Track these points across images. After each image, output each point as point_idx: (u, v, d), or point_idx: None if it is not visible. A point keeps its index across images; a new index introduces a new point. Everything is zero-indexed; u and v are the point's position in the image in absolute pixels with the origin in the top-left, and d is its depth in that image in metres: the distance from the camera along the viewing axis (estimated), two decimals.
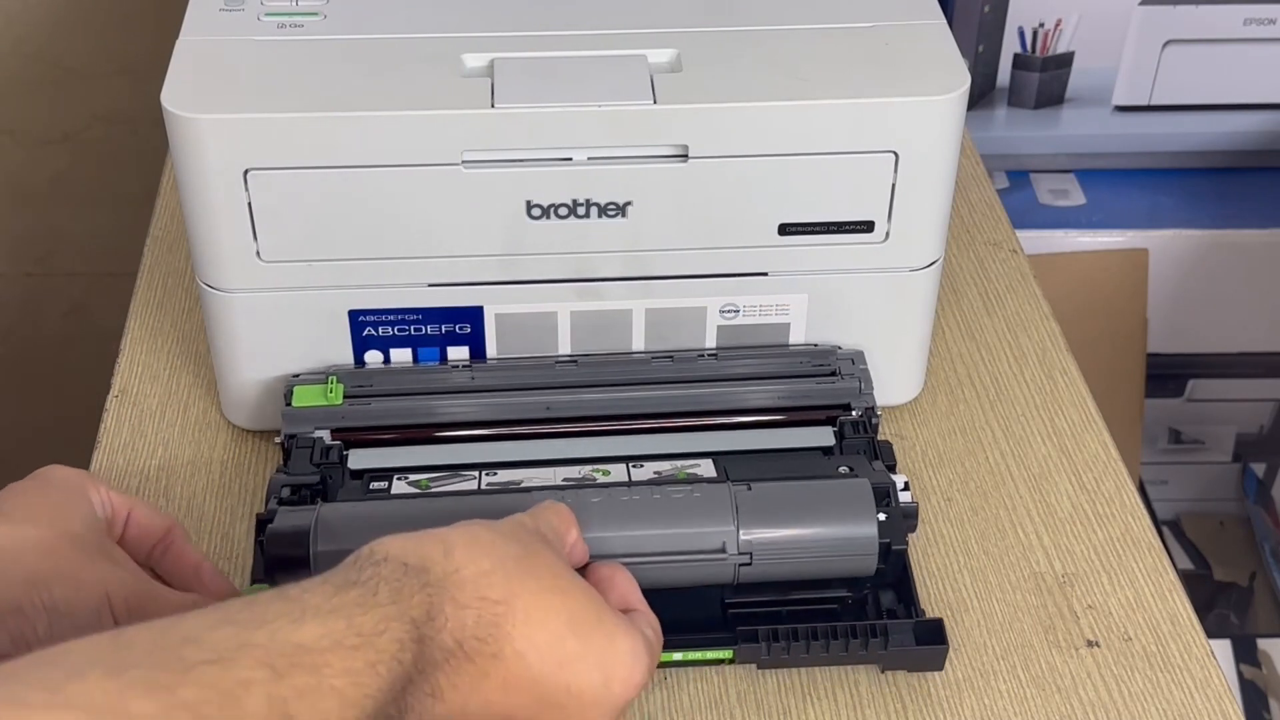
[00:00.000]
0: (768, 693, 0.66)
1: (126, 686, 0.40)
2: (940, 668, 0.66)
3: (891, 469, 0.69)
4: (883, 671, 0.66)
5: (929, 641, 0.64)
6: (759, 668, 0.66)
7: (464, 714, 0.51)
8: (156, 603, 0.59)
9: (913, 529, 0.67)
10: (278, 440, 0.71)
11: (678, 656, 0.65)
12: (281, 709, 0.43)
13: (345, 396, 0.72)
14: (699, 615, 0.66)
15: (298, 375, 0.73)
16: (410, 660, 0.47)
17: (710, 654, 0.65)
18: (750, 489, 0.65)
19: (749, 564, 0.63)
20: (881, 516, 0.65)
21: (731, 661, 0.65)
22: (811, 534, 0.64)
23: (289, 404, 0.71)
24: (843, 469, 0.68)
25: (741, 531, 0.63)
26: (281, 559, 0.62)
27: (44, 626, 0.57)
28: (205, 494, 0.74)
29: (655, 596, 0.66)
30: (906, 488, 0.68)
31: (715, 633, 0.65)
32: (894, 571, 0.66)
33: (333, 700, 0.44)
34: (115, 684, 0.40)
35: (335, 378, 0.72)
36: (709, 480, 0.68)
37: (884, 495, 0.66)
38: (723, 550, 0.63)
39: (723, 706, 0.65)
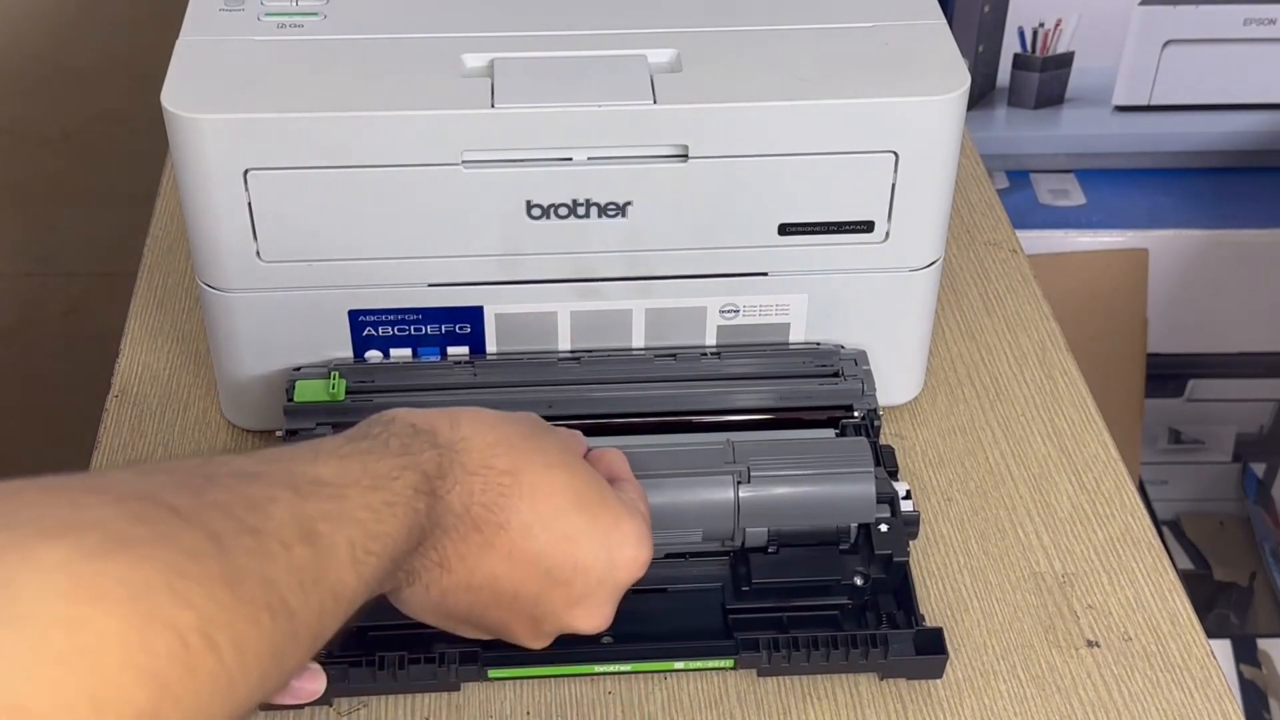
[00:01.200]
0: (768, 693, 0.66)
1: (157, 487, 0.40)
2: (939, 676, 0.65)
3: (893, 474, 0.69)
4: (882, 680, 0.66)
5: (929, 651, 0.64)
6: (759, 675, 0.66)
7: (469, 587, 0.51)
8: None
9: (913, 536, 0.67)
10: (279, 434, 0.71)
11: (679, 666, 0.65)
12: (308, 526, 0.43)
13: (347, 392, 0.72)
14: (700, 623, 0.66)
15: (299, 368, 0.73)
16: (424, 511, 0.48)
17: (711, 663, 0.65)
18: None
19: (746, 480, 0.64)
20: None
21: (733, 669, 0.65)
22: (806, 463, 0.65)
23: (290, 399, 0.71)
24: None
25: (736, 452, 0.65)
26: None
27: None
28: None
29: (655, 601, 0.67)
30: (908, 496, 0.68)
31: (716, 641, 0.65)
32: (894, 579, 0.66)
33: (355, 530, 0.44)
34: (145, 482, 0.40)
35: (338, 372, 0.72)
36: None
37: (886, 503, 0.66)
38: (722, 464, 0.64)
39: (723, 706, 0.65)
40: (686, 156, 0.67)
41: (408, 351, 0.74)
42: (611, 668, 0.65)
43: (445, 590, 0.51)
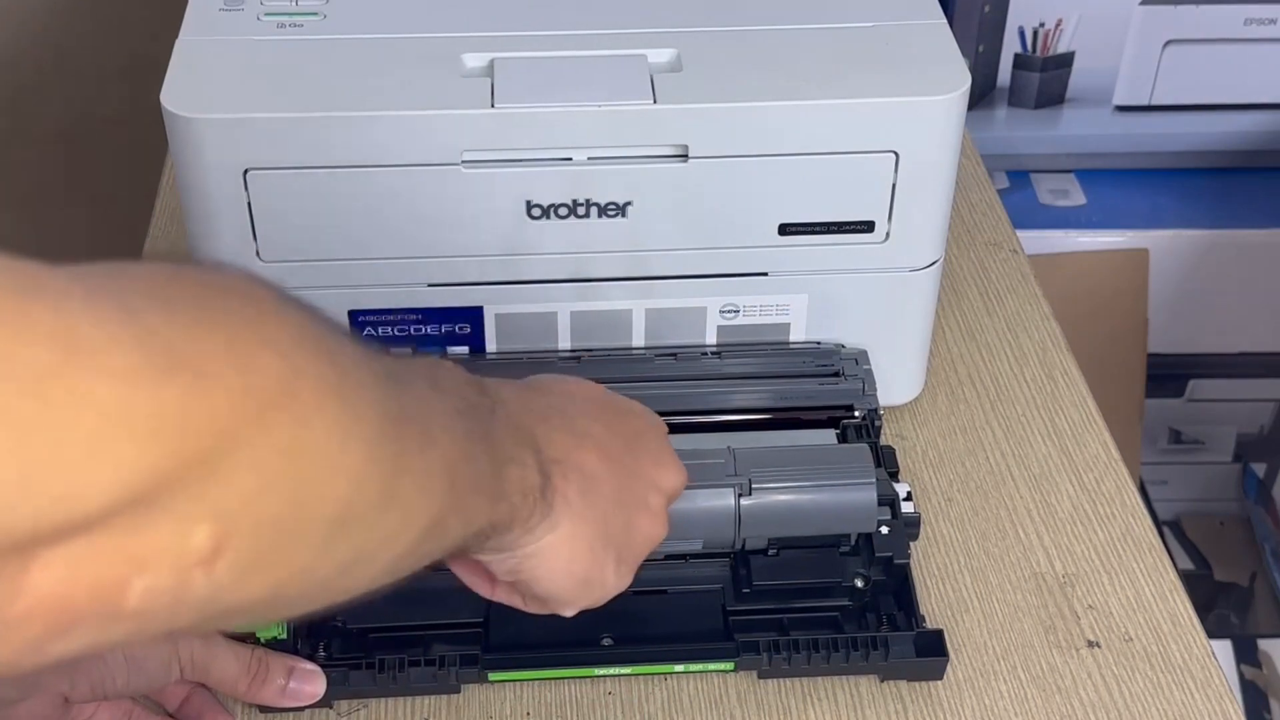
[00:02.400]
0: (768, 693, 0.65)
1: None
2: (940, 677, 0.65)
3: (894, 475, 0.69)
4: (882, 681, 0.66)
5: (929, 652, 0.64)
6: (760, 677, 0.66)
7: (583, 494, 0.52)
8: (218, 660, 0.61)
9: (914, 538, 0.67)
10: None
11: (679, 668, 0.65)
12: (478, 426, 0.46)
13: None
14: (700, 625, 0.66)
15: None
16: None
17: (711, 665, 0.65)
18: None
19: (747, 493, 0.64)
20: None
21: (733, 670, 0.65)
22: (807, 473, 0.65)
23: None
24: None
25: (738, 463, 0.65)
26: None
27: (123, 678, 0.59)
28: None
29: (655, 603, 0.67)
30: (909, 497, 0.68)
31: (716, 643, 0.65)
32: (895, 581, 0.66)
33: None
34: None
35: None
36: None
37: (887, 504, 0.66)
38: (723, 476, 0.64)
39: (723, 707, 0.65)
40: (686, 156, 0.67)
41: (408, 351, 0.74)
42: (612, 669, 0.65)
43: (574, 506, 0.51)
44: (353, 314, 0.72)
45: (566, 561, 0.52)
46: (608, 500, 0.53)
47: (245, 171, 0.66)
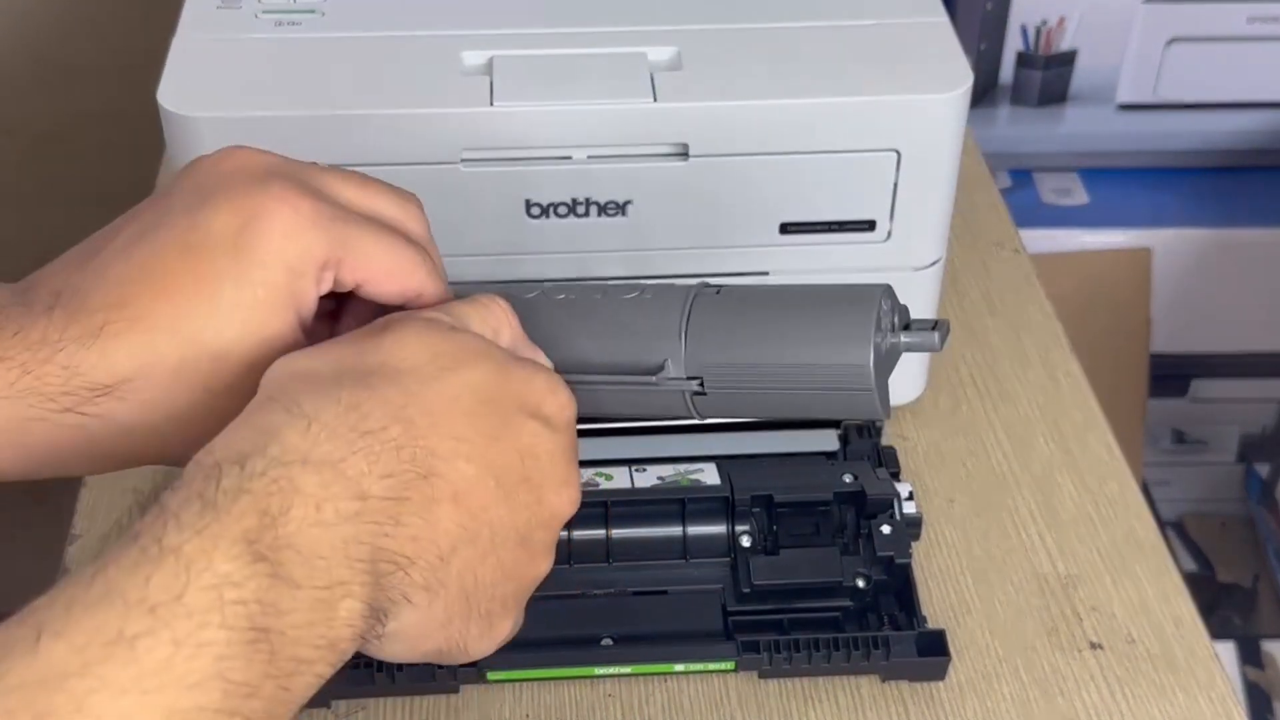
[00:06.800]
0: (769, 695, 0.65)
1: None
2: (942, 678, 0.65)
3: (896, 476, 0.69)
4: (883, 681, 0.65)
5: (931, 653, 0.64)
6: (760, 677, 0.65)
7: (443, 560, 0.43)
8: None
9: (916, 538, 0.67)
10: None
11: (679, 668, 0.65)
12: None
13: None
14: (700, 625, 0.66)
15: None
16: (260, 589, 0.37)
17: (712, 665, 0.65)
18: (718, 292, 0.52)
19: (701, 392, 0.50)
20: (885, 341, 0.50)
21: (733, 671, 0.65)
22: (783, 358, 0.50)
23: None
24: (847, 477, 0.68)
25: (690, 342, 0.50)
26: None
27: None
28: None
29: (655, 603, 0.66)
30: (911, 497, 0.67)
31: (716, 643, 0.65)
32: (896, 581, 0.66)
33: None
34: None
35: None
36: (712, 489, 0.67)
37: (888, 505, 0.66)
38: (663, 369, 0.50)
39: (723, 709, 0.65)
40: (687, 155, 0.67)
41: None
42: (611, 670, 0.65)
43: (427, 585, 0.43)
44: None
45: (415, 640, 0.44)
46: (472, 564, 0.44)
47: None
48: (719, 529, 0.67)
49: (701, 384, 0.50)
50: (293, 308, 0.47)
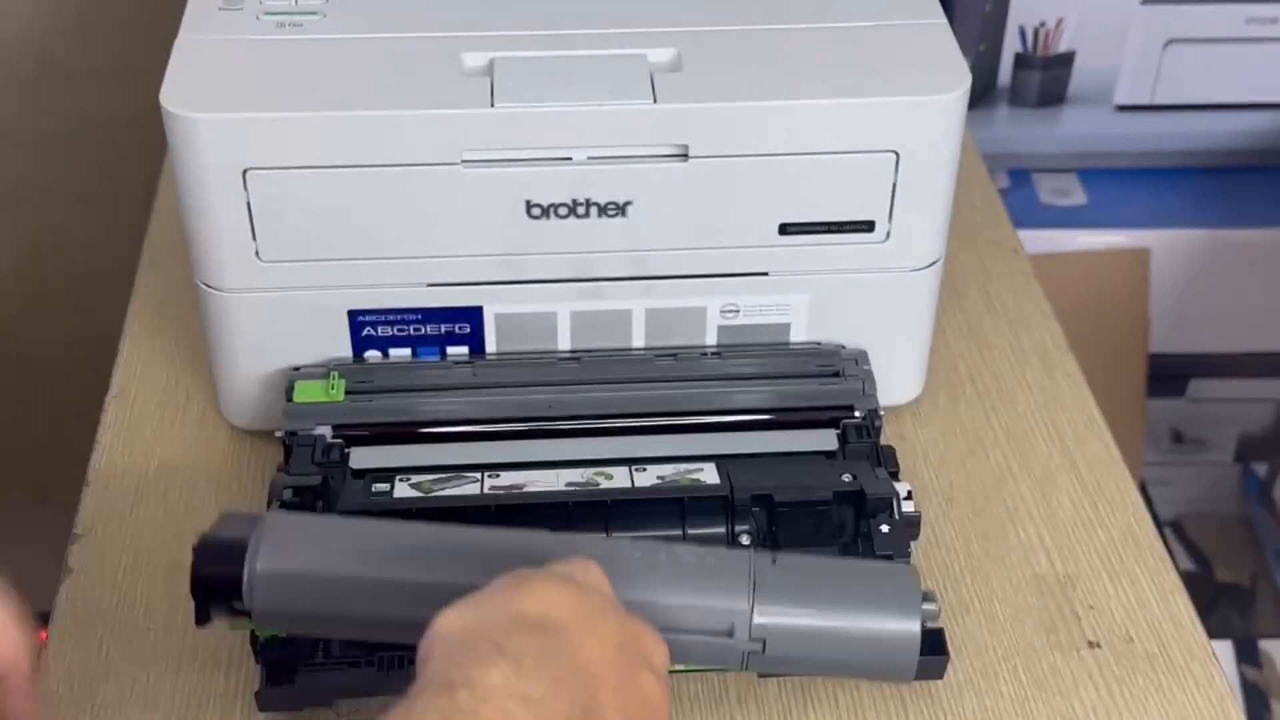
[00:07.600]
0: (768, 694, 0.65)
1: None
2: (940, 677, 0.65)
3: (894, 475, 0.69)
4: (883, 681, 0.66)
5: (930, 652, 0.64)
6: (760, 677, 0.66)
7: None
8: None
9: (915, 537, 0.67)
10: (279, 434, 0.71)
11: (679, 667, 0.65)
12: None
13: (346, 392, 0.71)
14: None
15: (298, 369, 0.73)
16: None
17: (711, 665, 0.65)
18: (775, 562, 0.58)
19: (760, 652, 0.57)
20: (928, 606, 0.58)
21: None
22: (839, 626, 0.57)
23: (290, 399, 0.71)
24: (846, 477, 0.68)
25: (757, 613, 0.56)
26: (213, 580, 0.56)
27: None
28: (204, 495, 0.74)
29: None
30: (909, 496, 0.67)
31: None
32: None
33: None
34: None
35: (337, 373, 0.72)
36: (712, 489, 0.67)
37: (887, 504, 0.66)
38: (729, 634, 0.56)
39: (724, 708, 0.65)
40: (687, 156, 0.67)
41: (407, 351, 0.74)
42: None
43: None
44: (352, 314, 0.72)
45: None
46: None
47: (245, 171, 0.66)
48: (719, 528, 0.67)
49: (764, 646, 0.57)
50: None
